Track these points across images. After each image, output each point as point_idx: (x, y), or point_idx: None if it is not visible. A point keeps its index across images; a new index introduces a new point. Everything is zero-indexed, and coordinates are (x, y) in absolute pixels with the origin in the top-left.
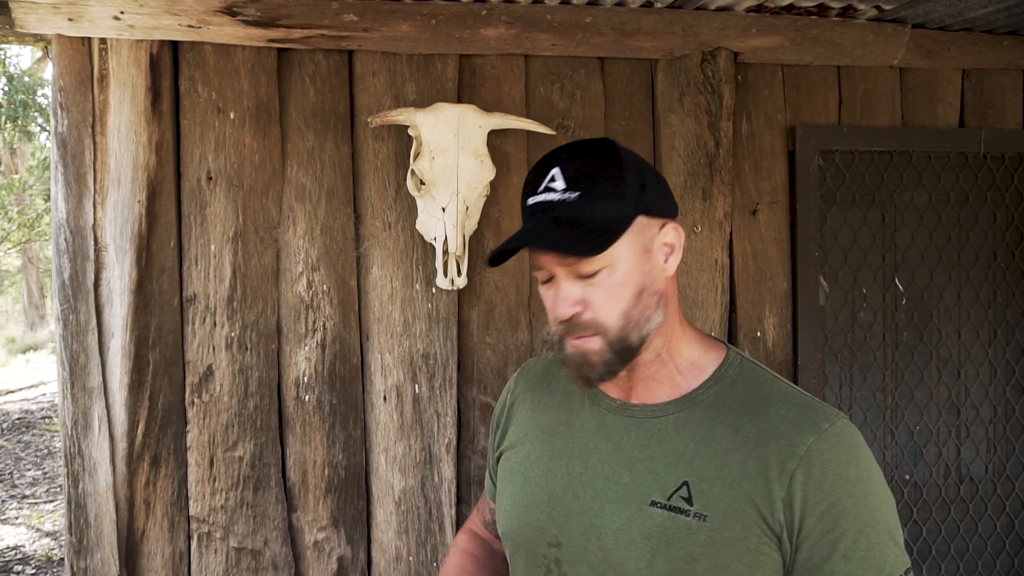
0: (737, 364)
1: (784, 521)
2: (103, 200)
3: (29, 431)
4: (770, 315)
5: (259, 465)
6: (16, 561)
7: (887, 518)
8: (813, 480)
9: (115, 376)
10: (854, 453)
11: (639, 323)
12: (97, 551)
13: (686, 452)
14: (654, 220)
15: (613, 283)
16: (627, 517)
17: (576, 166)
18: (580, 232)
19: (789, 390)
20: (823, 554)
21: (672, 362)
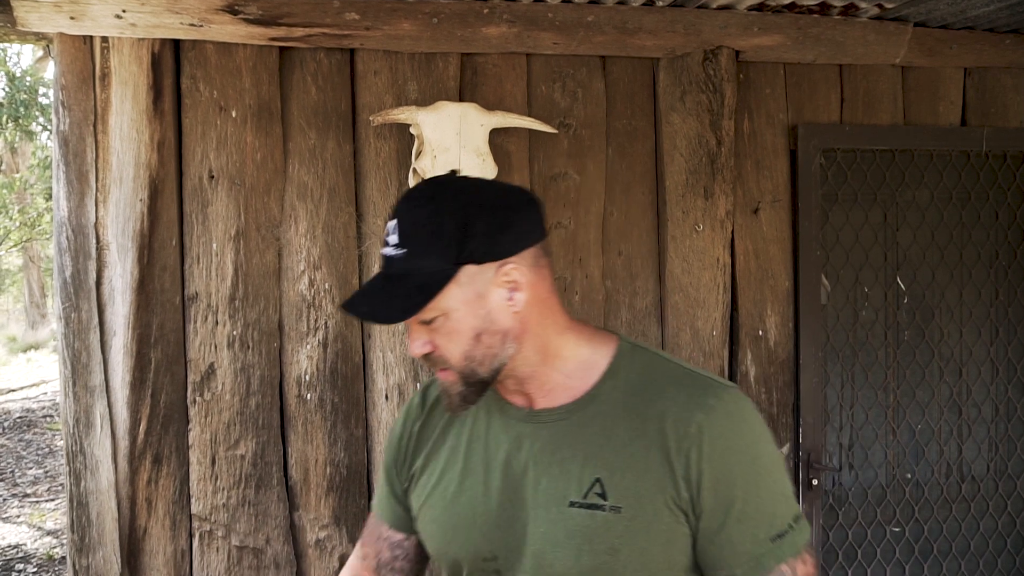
0: (628, 353)
1: (687, 496)
2: (105, 199)
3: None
4: (772, 314)
5: (261, 463)
6: (17, 559)
7: (773, 477)
8: (705, 455)
9: (117, 374)
10: (739, 422)
11: (483, 361)
12: (99, 549)
13: (594, 449)
14: (487, 266)
15: (449, 329)
16: (550, 520)
17: (408, 219)
18: (400, 292)
19: (680, 371)
20: (719, 520)
21: (559, 369)
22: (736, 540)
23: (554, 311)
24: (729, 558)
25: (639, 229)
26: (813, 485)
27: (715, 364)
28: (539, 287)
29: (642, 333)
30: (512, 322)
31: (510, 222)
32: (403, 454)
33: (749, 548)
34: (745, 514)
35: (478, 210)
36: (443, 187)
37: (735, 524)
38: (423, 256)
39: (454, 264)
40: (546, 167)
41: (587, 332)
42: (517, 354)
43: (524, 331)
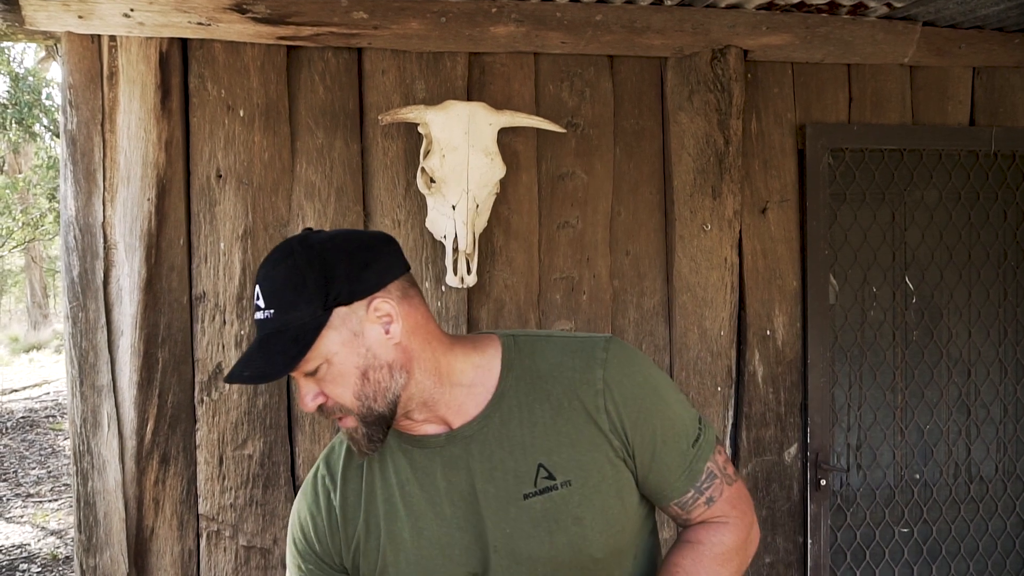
0: (513, 346)
1: (619, 444)
2: (112, 198)
3: (33, 430)
4: (780, 314)
5: (268, 463)
6: (21, 559)
7: (673, 394)
8: (619, 402)
9: (124, 374)
10: (631, 363)
11: (376, 396)
12: (106, 549)
13: (524, 440)
14: (357, 304)
15: (334, 374)
16: (512, 519)
17: (269, 282)
18: (278, 349)
19: (563, 341)
20: (650, 450)
21: (458, 383)
22: (668, 460)
23: (434, 335)
24: (668, 476)
25: (647, 228)
26: (821, 485)
27: (723, 364)
28: (413, 316)
29: (649, 333)
30: (394, 354)
31: (368, 261)
32: (331, 533)
33: (679, 461)
34: (667, 436)
35: (335, 255)
36: (296, 244)
37: (663, 447)
38: (292, 310)
39: (324, 310)
40: (554, 166)
41: (469, 342)
42: (410, 382)
43: (409, 359)
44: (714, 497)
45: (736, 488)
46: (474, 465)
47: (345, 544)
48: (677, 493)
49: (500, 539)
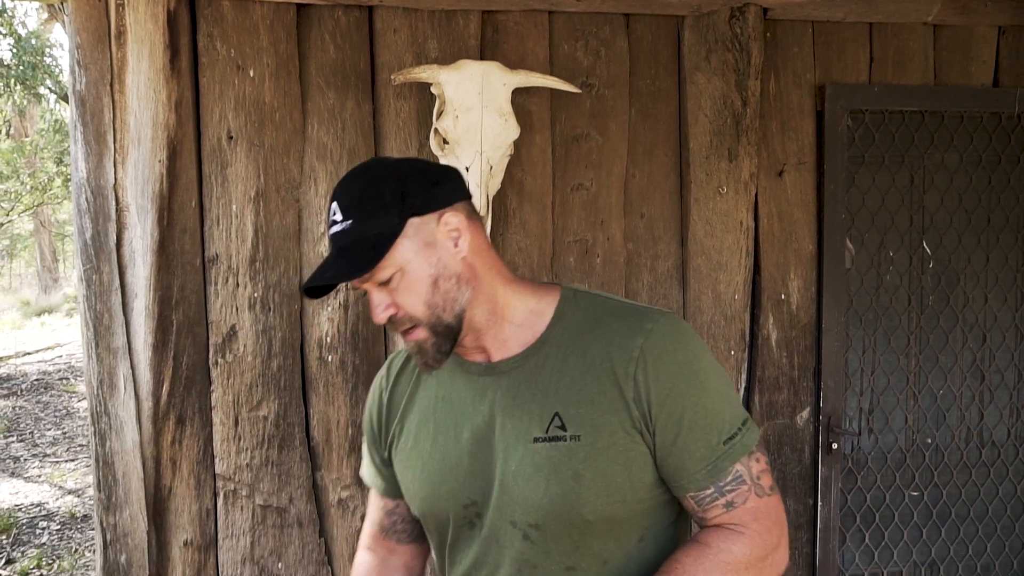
0: (571, 299)
1: (639, 415)
2: (123, 159)
3: (47, 392)
4: (795, 278)
5: (283, 424)
6: (41, 517)
7: (717, 386)
8: (650, 374)
9: (139, 336)
10: (677, 341)
11: (446, 306)
12: (126, 507)
13: (550, 387)
14: (428, 216)
15: (407, 283)
16: (518, 458)
17: (347, 195)
18: (356, 255)
19: (619, 305)
20: (673, 433)
21: (509, 320)
22: (691, 447)
23: (495, 264)
24: (688, 464)
25: (662, 191)
26: (833, 449)
27: (736, 328)
28: (478, 238)
29: (663, 296)
30: (462, 267)
31: (438, 179)
32: (379, 425)
33: (704, 453)
34: (695, 423)
35: (409, 171)
36: (373, 162)
37: (688, 433)
38: (370, 219)
39: (400, 219)
40: (568, 127)
41: (530, 285)
42: (473, 301)
43: (474, 276)
44: (735, 502)
45: (766, 502)
46: (499, 399)
47: (384, 439)
48: (695, 486)
49: (503, 475)
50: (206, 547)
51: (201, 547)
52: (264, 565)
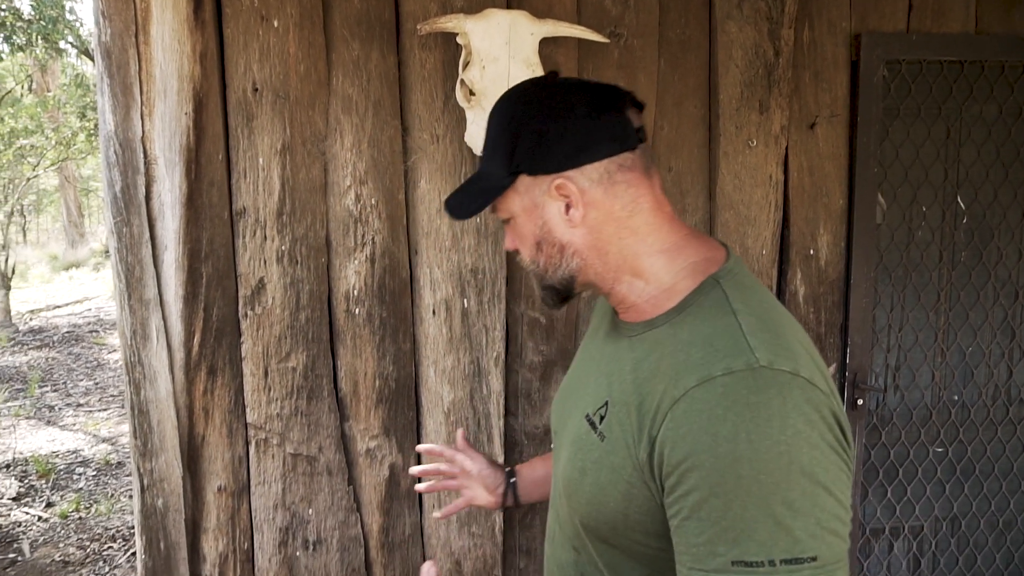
0: (707, 292)
1: (646, 461)
2: (150, 112)
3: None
4: (824, 233)
5: (312, 376)
6: (77, 464)
7: (767, 493)
8: (678, 429)
9: (170, 288)
10: (739, 410)
11: (548, 269)
12: (161, 454)
13: (621, 375)
14: (540, 178)
15: (516, 232)
16: (575, 421)
17: (489, 125)
18: (468, 195)
19: (730, 325)
20: (678, 505)
21: (637, 291)
22: (691, 538)
23: (641, 231)
24: (683, 553)
25: (690, 144)
26: (858, 405)
27: (764, 283)
28: (610, 204)
29: None
30: (570, 236)
31: (566, 134)
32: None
33: (703, 555)
34: (707, 515)
35: (533, 121)
36: (512, 95)
37: (694, 520)
38: (490, 162)
39: (509, 173)
40: (595, 78)
41: (686, 255)
42: (585, 268)
43: (589, 248)
44: None
45: None
46: (601, 361)
47: None
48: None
49: (563, 428)
50: (239, 493)
51: (234, 493)
52: (295, 511)
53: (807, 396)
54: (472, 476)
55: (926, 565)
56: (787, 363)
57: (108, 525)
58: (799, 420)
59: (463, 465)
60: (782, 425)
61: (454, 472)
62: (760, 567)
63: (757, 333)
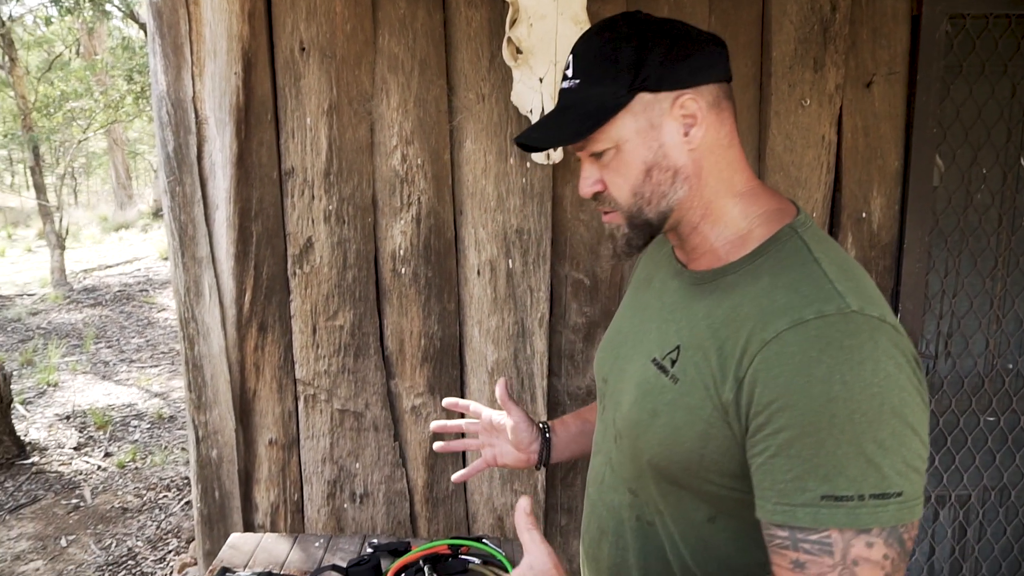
0: (784, 240)
1: (733, 401)
2: (200, 72)
3: (129, 302)
4: (878, 195)
5: (359, 334)
6: (132, 417)
7: (859, 431)
8: (770, 370)
9: (222, 246)
10: (833, 352)
11: (652, 200)
12: (214, 407)
13: (692, 319)
14: (663, 95)
15: (619, 163)
16: (637, 367)
17: (583, 50)
18: (572, 119)
19: (814, 272)
20: (765, 444)
21: (714, 235)
22: (777, 475)
23: (732, 166)
24: (766, 489)
25: (740, 104)
26: None
27: None
28: (717, 131)
29: None
30: (685, 160)
31: (688, 53)
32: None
33: (789, 490)
34: (797, 452)
35: (656, 38)
36: (621, 18)
37: (782, 457)
38: (597, 84)
39: (628, 91)
40: None
41: (765, 203)
42: (685, 202)
43: (696, 175)
44: (807, 568)
45: None
46: (665, 307)
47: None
48: (764, 514)
49: (623, 375)
50: (289, 446)
51: (284, 446)
52: (343, 465)
53: (894, 341)
54: (500, 433)
55: (972, 534)
56: (875, 309)
57: (162, 475)
58: (889, 364)
59: (491, 420)
60: (874, 368)
61: (476, 430)
62: (849, 501)
63: (842, 280)
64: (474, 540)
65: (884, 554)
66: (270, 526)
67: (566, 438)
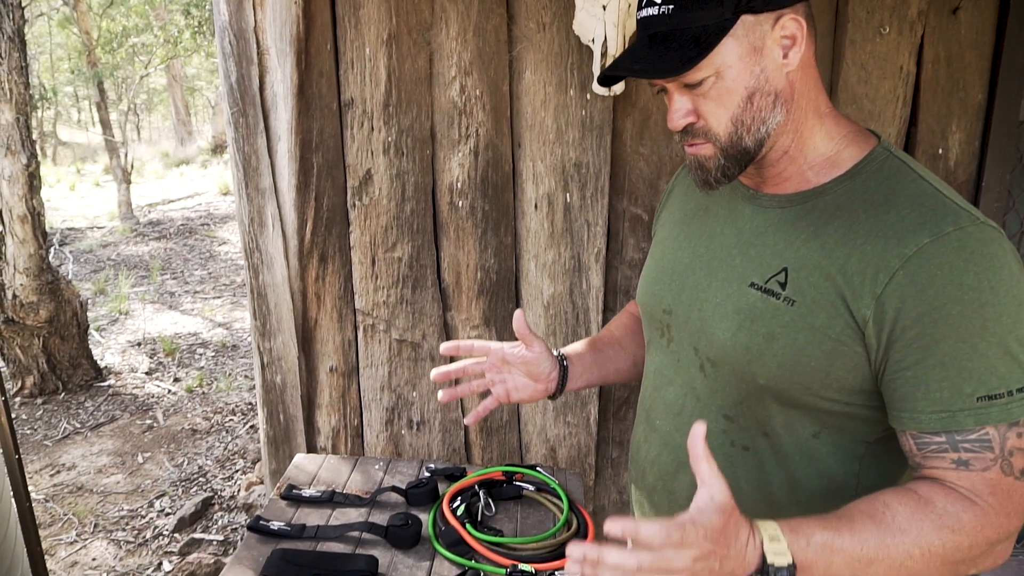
0: (880, 160)
1: (871, 318)
2: (262, 2)
3: (192, 236)
4: (957, 130)
5: (416, 266)
6: (198, 345)
7: (1006, 332)
8: (916, 283)
9: (283, 178)
10: (977, 260)
11: (752, 127)
12: (278, 335)
13: (795, 241)
14: (765, 15)
15: (720, 91)
16: (727, 294)
17: None
18: (674, 47)
19: (927, 189)
20: (915, 357)
21: (802, 158)
22: (931, 384)
23: (817, 87)
24: (919, 400)
25: None
26: None
27: None
28: (809, 52)
29: None
30: (783, 83)
31: None
32: (657, 216)
33: (946, 398)
34: (952, 360)
35: None
36: None
37: (936, 367)
38: (697, 8)
39: (732, 14)
40: None
41: (845, 125)
42: (782, 127)
43: (791, 98)
44: (972, 465)
45: (1012, 483)
46: (745, 232)
47: (655, 225)
48: (918, 425)
49: (706, 302)
50: (349, 373)
51: (345, 373)
52: (400, 393)
53: (1011, 248)
54: (513, 367)
55: None
56: (992, 221)
57: (228, 400)
58: (1017, 268)
59: (503, 355)
60: (1010, 272)
61: (481, 369)
62: (1000, 398)
63: (956, 197)
64: (528, 468)
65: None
66: (331, 449)
67: (581, 367)
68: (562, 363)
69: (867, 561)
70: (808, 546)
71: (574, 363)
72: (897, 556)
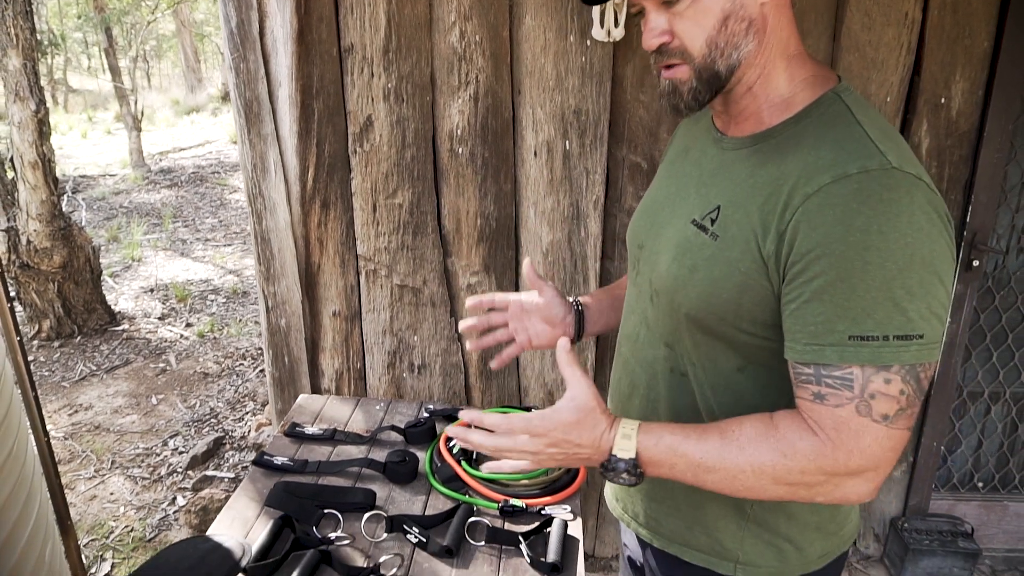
0: (827, 104)
1: (773, 252)
2: None
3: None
4: (960, 79)
5: (417, 212)
6: (209, 291)
7: (890, 277)
8: (811, 221)
9: (285, 124)
10: (873, 204)
11: (725, 51)
12: (282, 279)
13: (734, 181)
14: None
15: (696, 11)
16: (676, 229)
17: None
18: None
19: (856, 133)
20: (799, 291)
21: (764, 95)
22: (808, 318)
23: (789, 26)
24: (797, 332)
25: None
26: (973, 266)
27: None
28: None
29: None
30: (757, 12)
31: None
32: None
33: (819, 332)
34: (829, 297)
35: None
36: None
37: (814, 302)
38: None
39: None
40: None
41: (810, 68)
42: (752, 58)
43: (763, 30)
44: (826, 399)
45: (864, 424)
46: (705, 174)
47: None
48: (793, 355)
49: (661, 238)
50: (351, 318)
51: (347, 317)
52: (402, 337)
53: (928, 198)
54: (531, 315)
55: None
56: (912, 168)
57: (238, 345)
58: (922, 218)
59: (520, 305)
60: (909, 220)
61: (503, 320)
62: (874, 341)
63: (883, 140)
64: (524, 410)
65: (900, 390)
66: (335, 391)
67: (597, 311)
68: (577, 308)
69: (706, 468)
70: (656, 445)
71: (590, 307)
72: (731, 468)
